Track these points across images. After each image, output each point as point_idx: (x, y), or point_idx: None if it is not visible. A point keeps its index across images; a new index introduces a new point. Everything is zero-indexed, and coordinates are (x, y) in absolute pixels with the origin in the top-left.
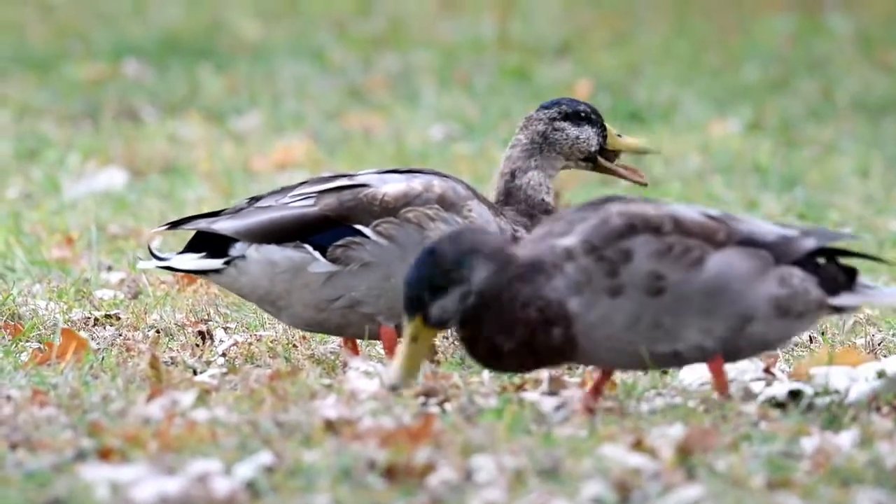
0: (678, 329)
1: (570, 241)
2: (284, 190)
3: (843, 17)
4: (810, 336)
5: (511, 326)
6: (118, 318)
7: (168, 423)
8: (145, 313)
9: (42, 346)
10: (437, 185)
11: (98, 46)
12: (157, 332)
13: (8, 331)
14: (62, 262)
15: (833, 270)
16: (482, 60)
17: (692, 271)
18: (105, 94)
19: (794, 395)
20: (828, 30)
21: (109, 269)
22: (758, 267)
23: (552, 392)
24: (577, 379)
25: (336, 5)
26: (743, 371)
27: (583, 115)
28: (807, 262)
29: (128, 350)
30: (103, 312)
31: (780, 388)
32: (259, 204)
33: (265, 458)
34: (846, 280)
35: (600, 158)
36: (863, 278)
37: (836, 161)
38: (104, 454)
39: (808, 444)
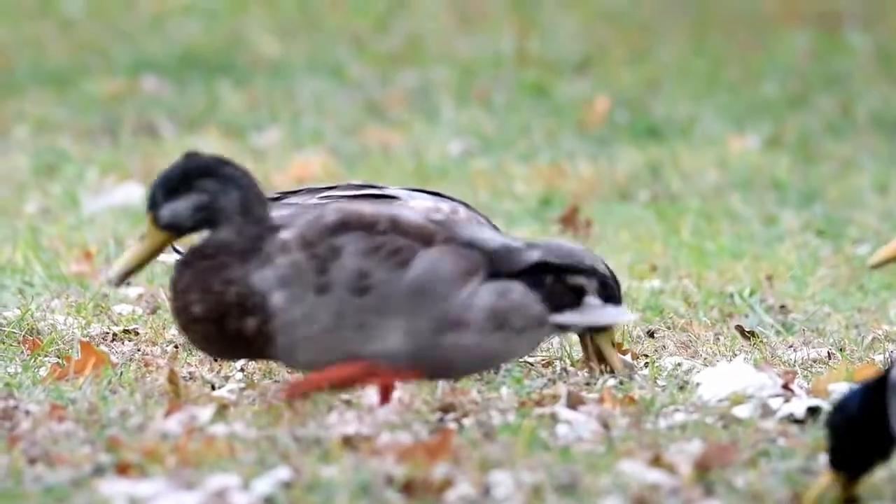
0: (383, 330)
1: (288, 234)
2: (311, 191)
3: (862, 33)
4: (829, 352)
5: (207, 292)
6: (137, 333)
7: (186, 438)
8: (164, 328)
9: (61, 361)
10: (463, 211)
11: (117, 62)
12: (176, 347)
13: (26, 346)
14: (81, 277)
15: (560, 288)
16: (501, 76)
17: (398, 270)
18: (124, 110)
19: (813, 411)
20: (847, 46)
21: (128, 283)
22: (467, 268)
23: (571, 407)
24: (596, 395)
25: (354, 21)
26: (762, 387)
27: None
28: (533, 277)
29: (146, 365)
30: (122, 327)
31: (799, 405)
32: (284, 202)
33: (283, 473)
34: (574, 298)
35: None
36: (590, 297)
37: (856, 177)
38: (122, 469)
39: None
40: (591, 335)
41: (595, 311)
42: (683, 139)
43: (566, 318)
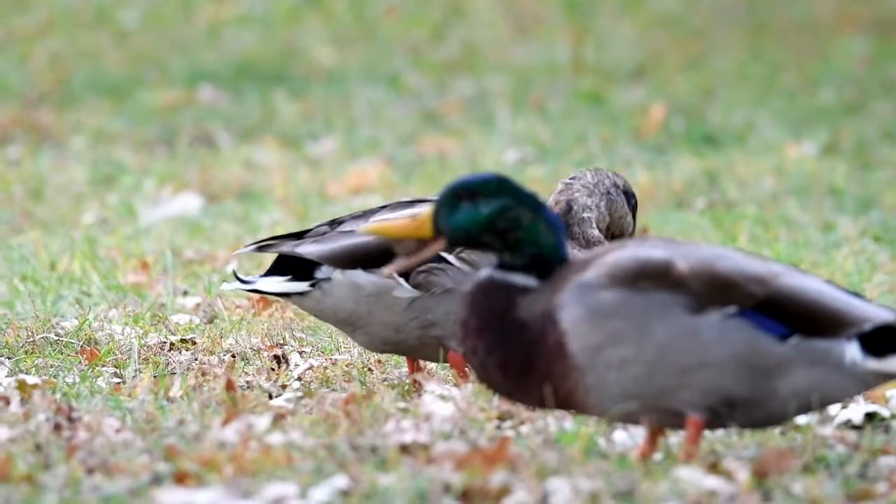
0: None
1: None
2: (366, 214)
3: None
4: None
5: None
6: (194, 343)
7: (243, 446)
8: (221, 338)
9: (118, 371)
10: None
11: (173, 73)
12: (233, 356)
13: (84, 356)
14: (138, 287)
15: None
16: (556, 84)
17: None
18: (180, 120)
19: (871, 417)
20: None
21: (185, 293)
22: None
23: None
24: None
25: (411, 30)
26: None
27: (634, 203)
28: None
29: (203, 374)
30: (179, 337)
31: (857, 411)
32: (341, 228)
33: (341, 481)
34: None
35: None
36: None
37: None
38: (180, 478)
39: (885, 465)
40: None
41: None
42: (740, 146)
43: None
